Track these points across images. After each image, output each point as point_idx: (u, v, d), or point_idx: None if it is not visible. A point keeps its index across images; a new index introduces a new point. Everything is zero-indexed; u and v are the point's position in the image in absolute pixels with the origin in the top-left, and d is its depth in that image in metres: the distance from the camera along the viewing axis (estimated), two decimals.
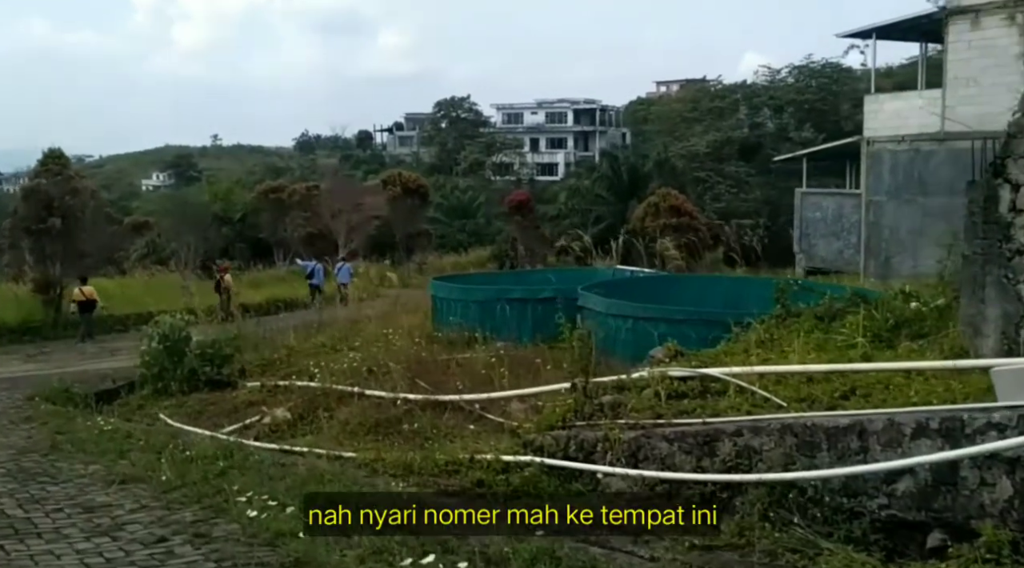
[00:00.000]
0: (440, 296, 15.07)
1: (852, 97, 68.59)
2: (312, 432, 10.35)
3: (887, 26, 21.59)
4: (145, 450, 8.78)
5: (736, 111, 70.32)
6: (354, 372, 11.82)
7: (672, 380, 7.38)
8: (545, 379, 9.97)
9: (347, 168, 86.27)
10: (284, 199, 40.24)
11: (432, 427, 9.22)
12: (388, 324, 16.30)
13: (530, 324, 13.60)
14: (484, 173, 75.62)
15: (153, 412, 13.03)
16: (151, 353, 14.28)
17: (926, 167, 19.77)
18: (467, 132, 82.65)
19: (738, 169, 63.19)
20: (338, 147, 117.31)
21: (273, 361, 15.00)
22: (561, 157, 79.91)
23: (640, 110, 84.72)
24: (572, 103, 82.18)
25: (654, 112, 79.79)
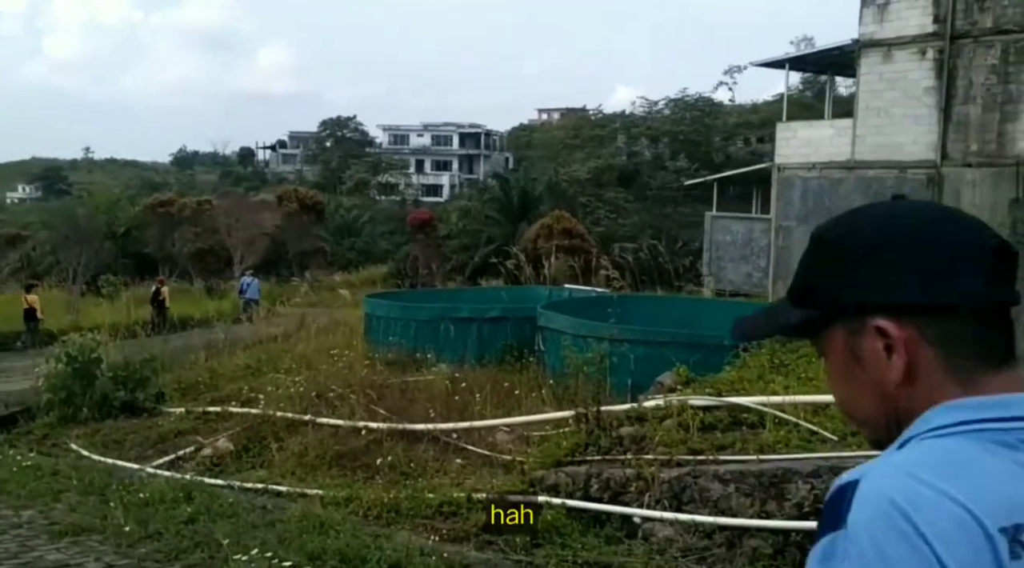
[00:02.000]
0: (376, 314, 13.98)
1: (722, 130, 71.38)
2: (262, 465, 9.14)
3: (799, 57, 21.99)
4: (84, 491, 7.41)
5: (615, 140, 71.74)
6: (299, 397, 10.64)
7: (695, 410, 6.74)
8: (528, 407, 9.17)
9: (227, 184, 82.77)
10: (173, 213, 37.76)
11: (408, 460, 8.22)
12: (312, 344, 15.10)
13: (476, 345, 12.75)
14: (369, 192, 74.10)
15: (62, 442, 11.37)
16: (57, 375, 12.54)
17: (835, 194, 20.14)
18: (353, 151, 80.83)
19: (617, 195, 64.35)
20: (217, 163, 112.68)
21: (194, 384, 13.52)
22: (446, 179, 79.25)
23: (523, 136, 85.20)
24: (458, 127, 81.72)
25: (537, 138, 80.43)
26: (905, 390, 1.06)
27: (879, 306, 1.05)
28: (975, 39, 18.08)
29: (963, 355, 1.04)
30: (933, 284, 1.04)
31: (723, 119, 72.06)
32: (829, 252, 1.12)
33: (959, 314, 1.04)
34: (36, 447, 11.39)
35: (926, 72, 18.74)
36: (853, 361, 1.09)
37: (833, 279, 1.09)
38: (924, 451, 1.00)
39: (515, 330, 12.66)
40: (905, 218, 1.10)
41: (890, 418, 1.08)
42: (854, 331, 1.08)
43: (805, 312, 1.13)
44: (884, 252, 1.06)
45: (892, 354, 1.05)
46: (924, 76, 18.76)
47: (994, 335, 1.05)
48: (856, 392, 1.11)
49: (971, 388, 1.04)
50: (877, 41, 19.42)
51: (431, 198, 75.39)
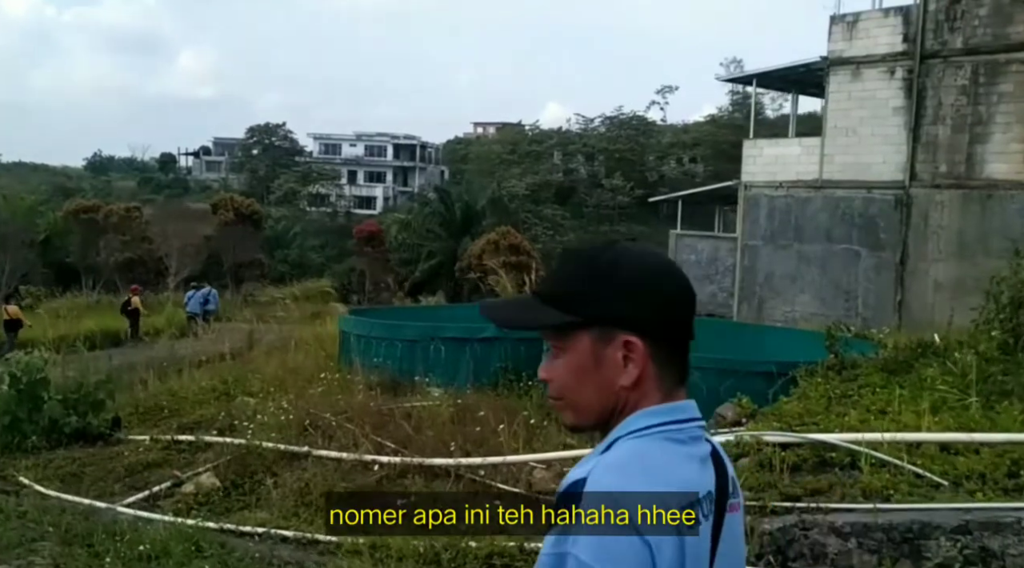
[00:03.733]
0: (355, 333, 13.05)
1: (656, 149, 72.21)
2: (257, 504, 8.18)
3: (766, 73, 21.95)
4: (65, 540, 6.38)
5: (551, 156, 71.78)
6: (287, 425, 9.69)
7: (771, 448, 6.16)
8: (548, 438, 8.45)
9: (147, 191, 79.86)
10: (98, 220, 35.74)
11: (432, 500, 7.40)
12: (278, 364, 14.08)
13: (469, 366, 11.97)
14: (299, 203, 72.21)
15: (9, 475, 10.12)
16: (0, 399, 11.24)
17: (803, 213, 20.08)
18: (281, 160, 78.83)
19: (554, 212, 64.29)
20: (135, 169, 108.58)
21: (153, 408, 12.36)
22: (380, 191, 77.96)
23: (459, 149, 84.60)
24: (392, 138, 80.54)
25: (473, 152, 79.92)
26: (627, 393, 1.40)
27: (629, 324, 1.38)
28: (945, 59, 18.26)
29: (669, 373, 1.41)
30: (666, 316, 1.41)
31: (656, 138, 72.94)
32: (597, 273, 1.40)
33: (674, 341, 1.42)
34: None
35: (895, 91, 18.85)
36: (594, 363, 1.40)
37: (598, 295, 1.39)
38: (626, 452, 1.35)
39: (511, 351, 11.94)
40: (652, 260, 1.46)
41: (607, 411, 1.41)
42: (603, 339, 1.40)
43: (565, 316, 1.39)
44: (639, 283, 1.40)
45: (629, 364, 1.39)
46: (893, 95, 18.87)
47: (683, 359, 1.43)
48: (586, 387, 1.41)
49: (666, 397, 1.41)
50: (846, 59, 19.47)
51: (364, 210, 73.97)
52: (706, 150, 70.53)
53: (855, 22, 19.41)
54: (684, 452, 1.36)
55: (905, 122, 18.76)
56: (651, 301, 1.38)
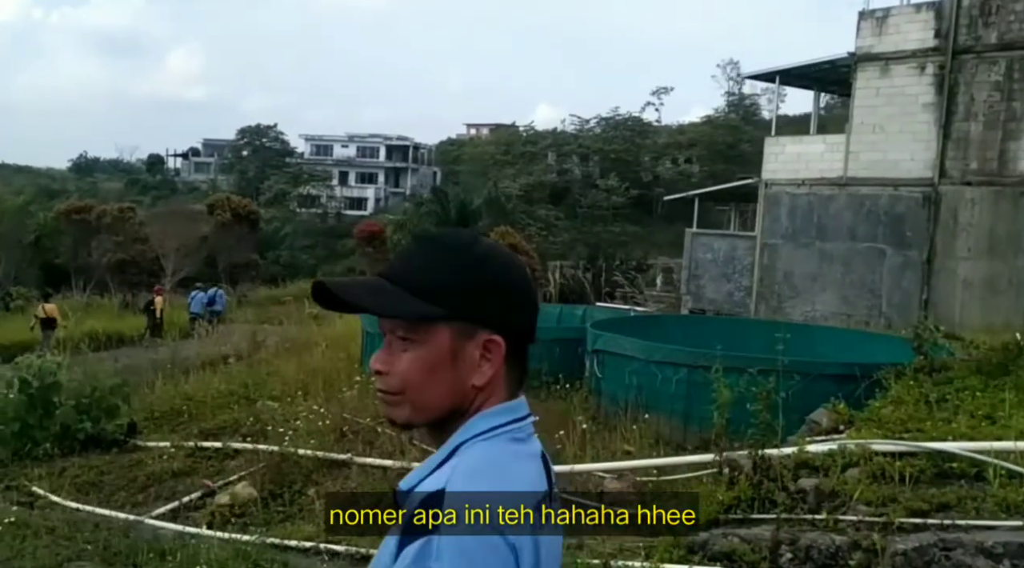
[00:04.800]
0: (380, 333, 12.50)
1: (652, 150, 71.95)
2: (299, 517, 7.64)
3: (788, 70, 21.53)
4: (106, 560, 5.83)
5: (545, 157, 71.37)
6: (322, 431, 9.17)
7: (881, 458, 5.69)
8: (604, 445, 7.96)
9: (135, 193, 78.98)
10: (90, 221, 34.94)
11: None
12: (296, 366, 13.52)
13: None
14: (289, 204, 71.43)
15: (21, 484, 9.54)
16: (10, 404, 10.64)
17: (826, 212, 19.70)
18: (272, 161, 78.03)
19: (548, 212, 63.87)
20: (121, 170, 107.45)
21: (169, 413, 11.78)
22: (372, 192, 77.30)
23: (451, 150, 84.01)
24: (385, 139, 79.85)
25: (467, 153, 79.37)
26: (476, 392, 1.35)
27: (494, 322, 1.34)
28: (978, 55, 17.93)
29: (515, 374, 1.39)
30: (526, 317, 1.39)
31: (652, 139, 72.66)
32: (468, 265, 1.34)
33: (525, 343, 1.39)
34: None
35: (925, 87, 18.50)
36: (450, 358, 1.34)
37: (467, 288, 1.33)
38: (480, 456, 1.29)
39: (545, 352, 11.42)
40: (515, 258, 1.43)
41: (451, 411, 1.35)
42: (464, 336, 1.34)
43: (428, 306, 1.32)
44: (507, 281, 1.37)
45: (485, 363, 1.34)
46: (923, 92, 18.52)
47: (526, 361, 1.41)
48: (435, 384, 1.34)
49: (510, 396, 1.38)
50: (875, 55, 19.10)
51: (355, 212, 73.25)
52: (702, 150, 70.31)
53: (885, 17, 19.06)
54: (526, 451, 1.34)
55: (935, 119, 18.41)
56: (517, 301, 1.36)
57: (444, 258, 1.35)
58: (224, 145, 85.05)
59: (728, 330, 12.72)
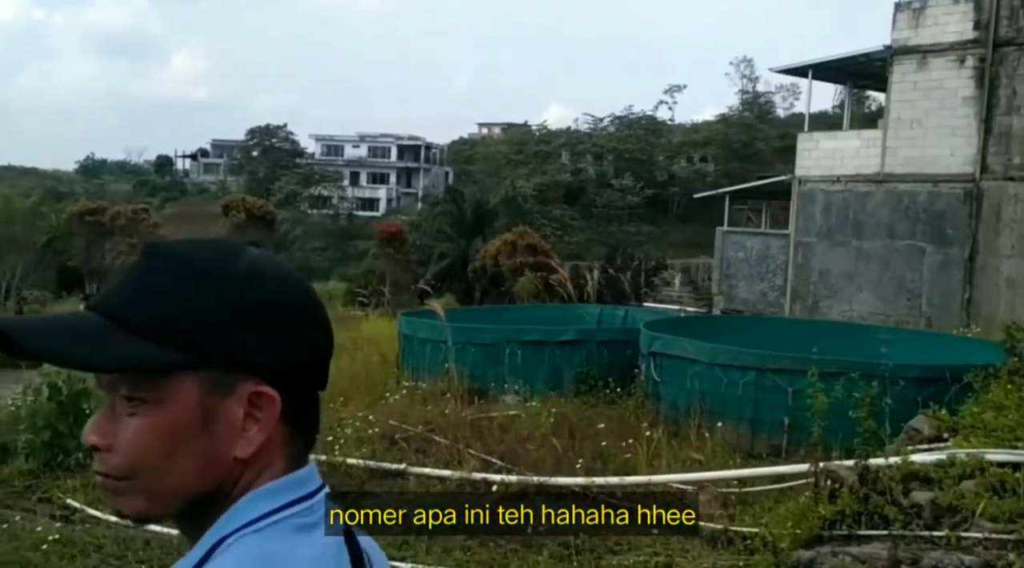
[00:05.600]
0: (419, 336, 12.18)
1: (666, 149, 71.58)
2: None
3: (820, 64, 21.14)
4: None
5: (559, 156, 71.10)
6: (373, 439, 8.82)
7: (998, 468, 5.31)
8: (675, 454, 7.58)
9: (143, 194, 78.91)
10: (104, 223, 34.78)
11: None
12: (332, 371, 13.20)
13: (547, 372, 11.11)
14: (300, 205, 71.21)
15: (55, 496, 9.21)
16: (40, 412, 10.32)
17: (862, 209, 19.32)
18: (282, 162, 77.94)
19: (563, 212, 63.61)
20: (128, 172, 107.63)
21: None
22: (383, 193, 77.07)
23: (464, 150, 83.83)
24: (396, 138, 79.63)
25: (479, 152, 79.16)
26: (242, 467, 0.95)
27: (263, 368, 0.95)
28: (1020, 46, 17.52)
29: (299, 434, 1.00)
30: (312, 357, 0.99)
31: (666, 137, 72.31)
32: (223, 290, 0.94)
33: (311, 390, 1.00)
34: (16, 503, 9.24)
35: (965, 81, 18.10)
36: (200, 422, 0.94)
37: (222, 323, 0.93)
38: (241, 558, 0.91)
39: (594, 356, 11.09)
40: (294, 275, 1.03)
41: (213, 492, 0.95)
42: (219, 390, 0.94)
43: (164, 351, 0.92)
44: (283, 310, 0.97)
45: (253, 425, 0.95)
46: (963, 85, 18.12)
47: (315, 415, 1.02)
48: (179, 460, 0.94)
49: (294, 465, 0.99)
50: (911, 48, 18.72)
51: (367, 212, 73.08)
52: (717, 149, 69.99)
53: (922, 9, 18.66)
54: (317, 543, 0.97)
55: (976, 113, 18.01)
56: (298, 336, 0.98)
57: (187, 281, 0.94)
58: (233, 145, 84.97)
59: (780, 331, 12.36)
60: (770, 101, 79.16)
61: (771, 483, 6.65)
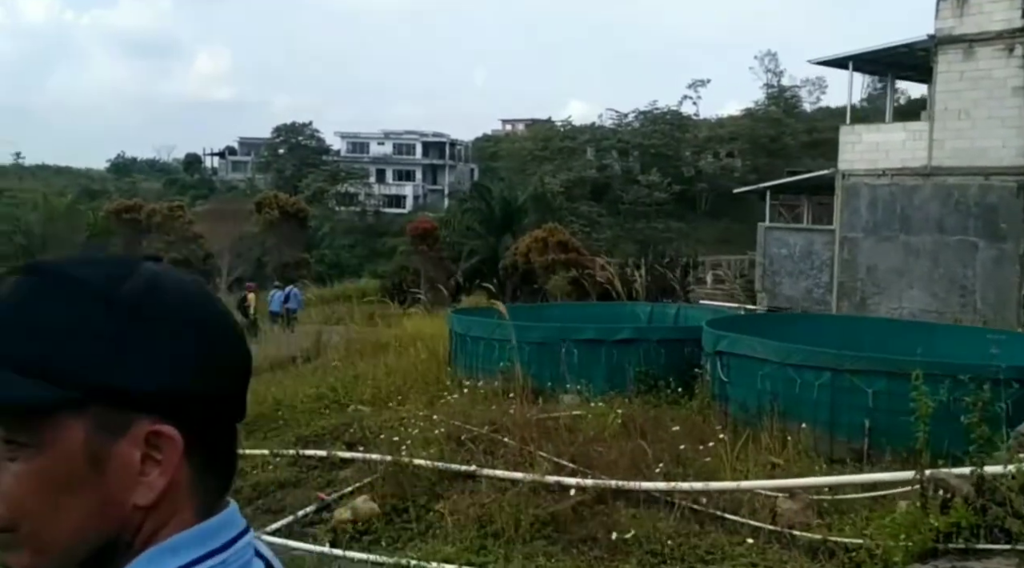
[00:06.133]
0: (472, 335, 12.00)
1: (692, 144, 70.93)
2: (429, 535, 7.12)
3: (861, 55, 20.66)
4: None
5: (584, 152, 70.66)
6: (438, 440, 8.65)
7: None
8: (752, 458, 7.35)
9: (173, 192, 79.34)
10: (140, 220, 34.97)
11: (649, 534, 6.30)
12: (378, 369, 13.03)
13: (604, 371, 10.90)
14: (327, 203, 71.27)
15: None
16: None
17: (910, 203, 18.91)
18: (309, 159, 78.11)
19: (590, 209, 63.20)
20: (158, 170, 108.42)
21: (259, 418, 11.33)
22: (409, 189, 77.01)
23: (488, 146, 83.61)
24: (421, 135, 79.53)
25: (504, 149, 78.90)
26: (143, 517, 0.83)
27: (160, 403, 0.82)
28: None
29: (211, 477, 0.86)
30: (221, 386, 0.86)
31: (692, 133, 71.68)
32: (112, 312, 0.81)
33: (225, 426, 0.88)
34: None
35: (1015, 70, 17.63)
36: (87, 467, 0.81)
37: (109, 353, 0.80)
38: None
39: (652, 355, 10.86)
40: (198, 292, 0.88)
41: (108, 544, 0.82)
42: (110, 430, 0.81)
43: (43, 388, 0.79)
44: (183, 334, 0.83)
45: (153, 469, 0.82)
46: (1012, 75, 17.65)
47: (231, 452, 0.89)
48: (68, 507, 0.81)
49: (206, 512, 0.85)
50: (956, 37, 18.25)
51: (393, 209, 73.07)
52: (743, 144, 69.29)
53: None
54: None
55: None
56: (203, 364, 0.83)
57: (70, 306, 0.81)
58: (260, 143, 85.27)
59: (845, 328, 12.06)
60: (796, 95, 78.29)
61: (863, 490, 6.40)
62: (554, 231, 39.78)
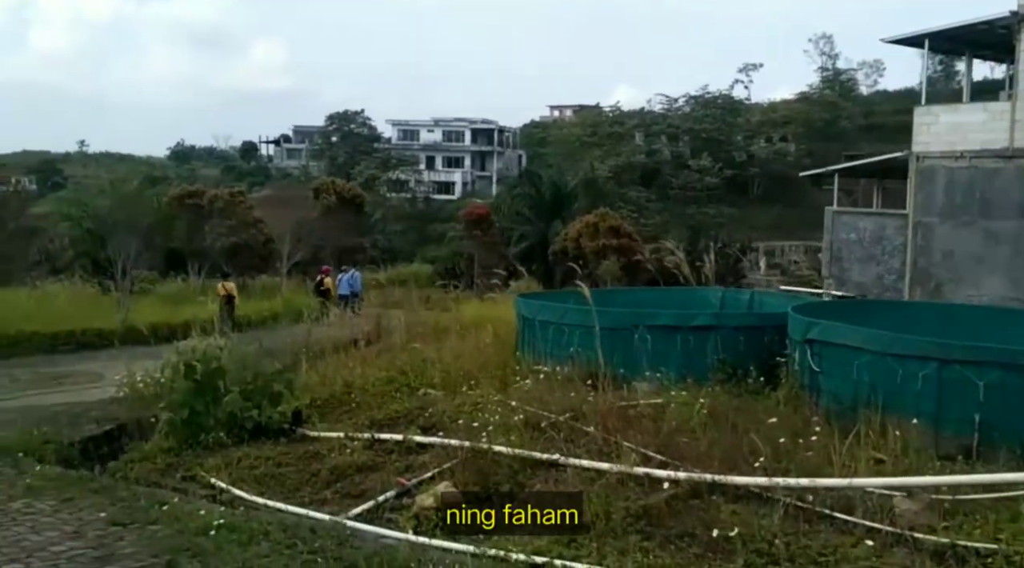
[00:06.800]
0: (541, 319, 11.66)
1: (744, 129, 69.48)
2: (511, 524, 6.80)
3: (939, 32, 19.66)
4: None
5: (633, 138, 69.69)
6: (518, 426, 8.35)
7: None
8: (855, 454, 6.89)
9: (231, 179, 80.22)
10: (203, 205, 35.15)
11: (753, 533, 5.90)
12: (445, 353, 12.76)
13: (679, 358, 10.48)
14: (379, 189, 71.36)
15: (199, 475, 9.00)
16: (178, 390, 10.14)
17: (990, 186, 18.02)
18: (360, 147, 78.38)
19: (639, 194, 62.30)
20: (216, 157, 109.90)
21: (330, 401, 11.17)
22: (458, 176, 76.84)
23: (536, 133, 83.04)
24: (470, 122, 79.26)
25: (552, 135, 78.26)
26: None
27: None
28: None
29: None
30: None
31: (744, 117, 70.25)
32: None
33: None
34: (161, 480, 9.06)
35: None
36: None
37: None
38: None
39: (729, 342, 10.42)
40: None
41: None
42: None
43: None
44: None
45: None
46: None
47: None
48: None
49: None
50: None
51: (443, 196, 73.02)
52: (798, 128, 67.79)
53: None
54: None
55: None
56: None
57: None
58: (313, 131, 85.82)
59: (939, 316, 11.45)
60: (852, 78, 76.30)
61: (983, 491, 5.93)
62: (606, 216, 39.22)
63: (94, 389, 14.44)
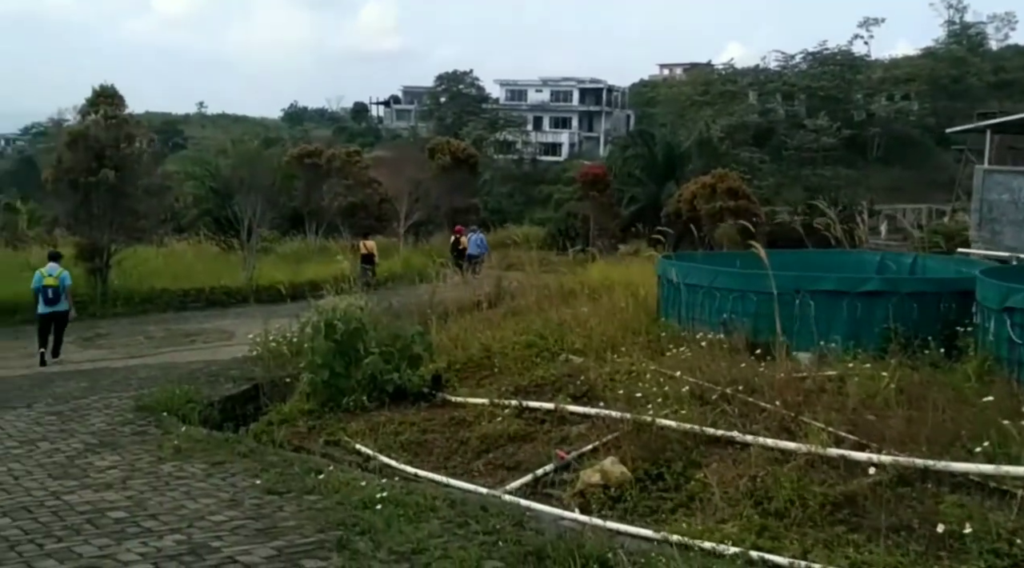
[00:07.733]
0: (688, 282, 10.86)
1: (864, 86, 65.59)
2: (695, 507, 6.15)
3: None
4: (529, 557, 4.58)
5: (746, 97, 66.80)
6: (684, 398, 7.65)
7: None
8: None
9: (342, 140, 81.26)
10: (321, 165, 35.38)
11: (997, 531, 5.05)
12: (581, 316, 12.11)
13: (845, 327, 9.54)
14: (487, 150, 70.83)
15: (343, 440, 8.69)
16: (318, 350, 9.85)
17: None
18: (468, 107, 77.89)
19: (751, 155, 59.71)
20: (327, 119, 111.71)
21: (468, 364, 10.71)
22: (565, 137, 75.57)
23: (645, 92, 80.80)
24: (578, 82, 77.62)
25: (661, 94, 75.99)
26: None
27: None
28: None
29: None
30: None
31: (865, 74, 66.33)
32: None
33: None
34: (303, 445, 8.81)
35: None
36: None
37: None
38: None
39: (903, 309, 9.41)
40: None
41: None
42: None
43: None
44: None
45: None
46: None
47: None
48: None
49: None
50: None
51: (549, 157, 71.99)
52: (921, 86, 63.57)
53: None
54: None
55: None
56: None
57: None
58: (422, 92, 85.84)
59: None
60: (982, 32, 70.94)
61: None
62: (724, 177, 37.52)
63: (226, 347, 14.50)
